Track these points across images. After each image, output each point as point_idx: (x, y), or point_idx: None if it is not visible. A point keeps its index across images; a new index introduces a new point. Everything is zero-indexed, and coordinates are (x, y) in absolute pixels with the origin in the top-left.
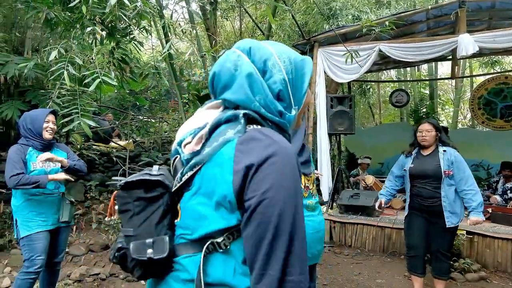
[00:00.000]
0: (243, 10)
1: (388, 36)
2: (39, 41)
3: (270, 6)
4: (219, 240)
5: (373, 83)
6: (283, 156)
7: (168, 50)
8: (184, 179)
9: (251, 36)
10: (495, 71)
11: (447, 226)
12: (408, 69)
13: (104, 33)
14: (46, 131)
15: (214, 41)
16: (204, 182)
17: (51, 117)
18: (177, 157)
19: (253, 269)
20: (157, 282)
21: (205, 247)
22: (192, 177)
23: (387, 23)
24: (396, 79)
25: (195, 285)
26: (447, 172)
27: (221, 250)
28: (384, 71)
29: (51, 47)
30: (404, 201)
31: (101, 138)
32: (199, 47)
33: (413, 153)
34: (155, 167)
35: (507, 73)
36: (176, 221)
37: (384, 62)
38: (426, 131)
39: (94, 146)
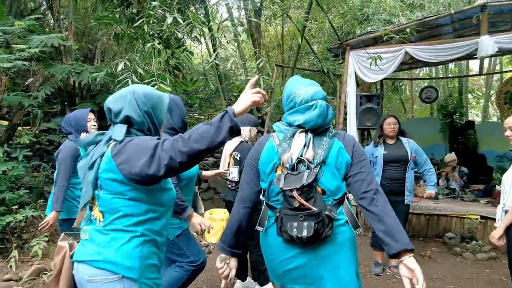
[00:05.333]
0: (286, 15)
1: (415, 39)
2: (107, 52)
3: (299, 26)
4: None
5: (405, 81)
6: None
7: (213, 60)
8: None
9: (292, 39)
10: None
11: (406, 203)
12: (440, 66)
13: (161, 46)
14: None
15: (257, 45)
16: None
17: None
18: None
19: None
20: None
21: None
22: None
23: (408, 30)
24: (424, 77)
25: None
26: (413, 157)
27: None
28: (420, 68)
29: (119, 59)
30: None
31: None
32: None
33: (380, 142)
34: None
35: None
36: None
37: (414, 61)
38: (394, 124)
39: None
